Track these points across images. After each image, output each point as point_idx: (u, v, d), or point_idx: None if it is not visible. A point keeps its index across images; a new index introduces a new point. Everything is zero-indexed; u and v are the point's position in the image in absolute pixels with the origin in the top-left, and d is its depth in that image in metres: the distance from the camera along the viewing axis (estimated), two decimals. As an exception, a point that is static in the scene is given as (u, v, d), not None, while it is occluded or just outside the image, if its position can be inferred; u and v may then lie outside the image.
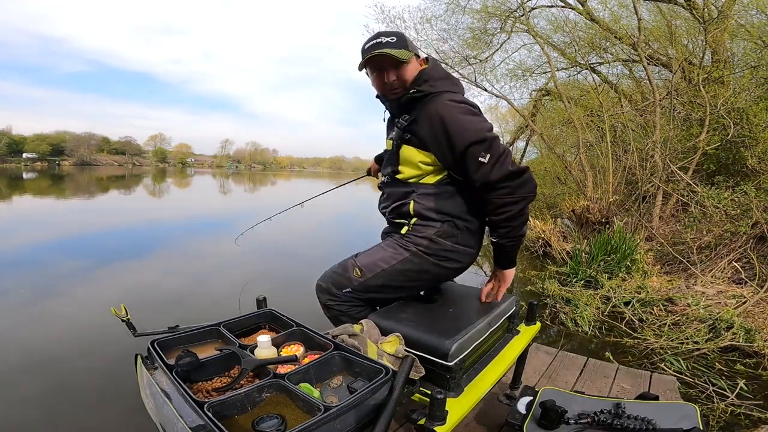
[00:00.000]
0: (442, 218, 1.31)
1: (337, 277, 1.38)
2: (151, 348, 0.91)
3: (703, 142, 5.44)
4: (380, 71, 1.32)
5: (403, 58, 1.26)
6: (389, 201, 1.43)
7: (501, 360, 1.32)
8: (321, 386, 0.88)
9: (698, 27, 6.29)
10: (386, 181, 1.45)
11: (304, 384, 0.82)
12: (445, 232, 1.31)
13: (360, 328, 1.13)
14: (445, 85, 1.32)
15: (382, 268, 1.33)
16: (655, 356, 2.64)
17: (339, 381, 0.90)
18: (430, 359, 1.08)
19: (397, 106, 1.36)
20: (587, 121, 7.23)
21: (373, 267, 1.34)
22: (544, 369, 2.13)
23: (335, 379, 0.91)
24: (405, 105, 1.33)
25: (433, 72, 1.32)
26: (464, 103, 1.27)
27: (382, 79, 1.32)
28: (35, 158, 72.34)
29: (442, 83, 1.31)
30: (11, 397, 2.10)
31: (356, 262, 1.37)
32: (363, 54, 1.33)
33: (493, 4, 8.69)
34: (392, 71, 1.30)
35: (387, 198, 1.45)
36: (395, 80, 1.31)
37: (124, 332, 0.99)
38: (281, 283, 4.47)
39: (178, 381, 0.78)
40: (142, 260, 5.27)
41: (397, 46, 1.27)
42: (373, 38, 1.31)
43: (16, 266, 4.65)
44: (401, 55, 1.26)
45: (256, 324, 1.17)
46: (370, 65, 1.33)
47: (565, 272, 4.50)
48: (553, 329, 3.20)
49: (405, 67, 1.29)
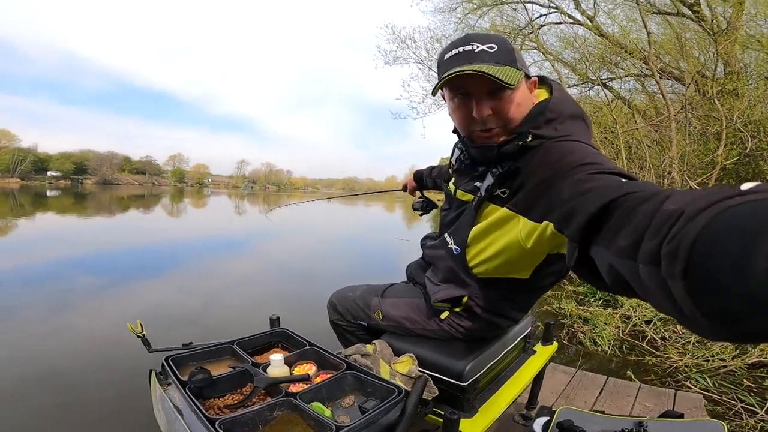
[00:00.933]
0: (489, 317, 1.07)
1: (356, 309, 1.29)
2: (165, 364, 0.93)
3: (721, 156, 5.34)
4: (467, 98, 0.86)
5: (509, 82, 0.78)
6: (435, 276, 1.12)
7: (516, 380, 1.29)
8: (333, 405, 0.87)
9: (708, 39, 6.26)
10: (437, 244, 1.12)
11: (315, 403, 0.82)
12: (486, 328, 1.11)
13: (373, 348, 1.12)
14: (575, 129, 0.86)
15: (406, 327, 1.18)
16: (680, 374, 2.55)
17: (351, 401, 0.90)
18: (444, 379, 1.06)
19: (496, 155, 0.88)
20: (601, 139, 7.17)
21: (397, 320, 1.19)
22: (561, 389, 2.06)
23: (347, 399, 0.90)
24: (508, 155, 0.87)
25: (561, 106, 0.86)
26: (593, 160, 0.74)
27: (468, 111, 0.86)
28: (59, 176, 75.22)
29: (572, 126, 0.86)
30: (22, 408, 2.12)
31: (381, 306, 1.22)
32: (440, 68, 0.88)
33: (502, 22, 8.85)
34: (488, 101, 0.84)
35: (434, 265, 1.15)
36: (491, 115, 0.85)
37: (139, 348, 1.00)
38: (294, 302, 4.48)
39: (191, 397, 0.79)
40: (159, 278, 5.36)
41: (500, 60, 0.82)
42: (459, 43, 0.85)
43: (37, 281, 4.76)
44: (506, 76, 0.78)
45: (269, 342, 1.17)
46: (450, 87, 0.87)
47: (582, 292, 4.42)
48: (571, 349, 3.11)
49: (511, 95, 0.83)
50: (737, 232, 0.28)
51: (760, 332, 0.28)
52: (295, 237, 7.64)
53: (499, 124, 0.86)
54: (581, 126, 0.89)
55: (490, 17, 9.02)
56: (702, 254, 0.30)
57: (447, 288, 1.07)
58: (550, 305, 4.11)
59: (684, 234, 0.32)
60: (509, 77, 0.79)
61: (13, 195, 26.63)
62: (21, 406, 2.14)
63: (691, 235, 0.31)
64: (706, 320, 0.30)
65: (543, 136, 0.84)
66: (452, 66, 0.82)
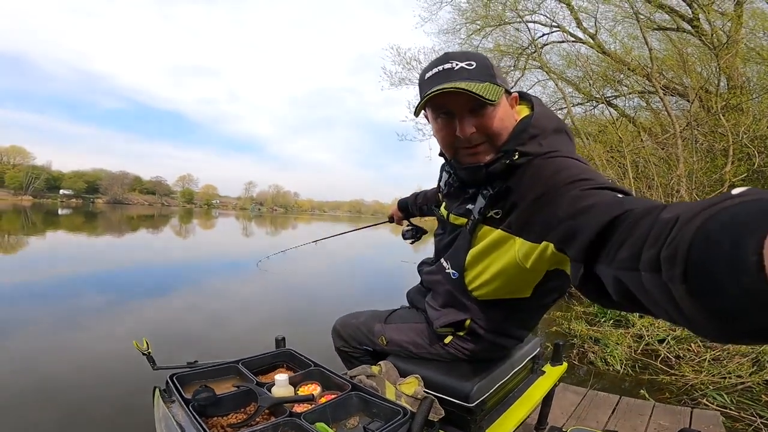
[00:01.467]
0: (493, 338, 1.05)
1: (360, 335, 1.28)
2: (169, 381, 0.92)
3: (729, 173, 5.30)
4: (450, 118, 0.85)
5: (490, 98, 0.78)
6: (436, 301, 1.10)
7: (525, 401, 1.26)
8: (337, 426, 0.86)
9: (709, 53, 6.30)
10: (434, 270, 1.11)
11: (319, 424, 0.81)
12: (491, 349, 1.09)
13: (378, 369, 1.11)
14: (559, 143, 0.86)
15: (410, 351, 1.17)
16: (696, 392, 2.50)
17: (355, 422, 0.88)
18: (451, 401, 1.04)
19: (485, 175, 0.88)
20: (608, 158, 7.14)
21: (401, 344, 1.18)
22: (572, 409, 2.02)
23: (352, 420, 0.89)
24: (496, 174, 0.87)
25: (544, 122, 0.87)
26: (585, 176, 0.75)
27: (452, 130, 0.86)
28: (71, 195, 76.40)
29: (556, 141, 0.86)
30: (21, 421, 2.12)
31: (384, 331, 1.21)
32: (422, 88, 0.87)
33: (505, 42, 9.00)
34: (470, 118, 0.83)
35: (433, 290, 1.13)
36: (475, 133, 0.84)
37: (143, 365, 1.00)
38: (299, 323, 4.46)
39: (194, 415, 0.78)
40: (165, 296, 5.38)
41: (479, 77, 0.81)
42: (439, 62, 0.85)
43: (45, 297, 4.81)
44: (487, 92, 0.78)
45: (274, 363, 1.16)
46: (432, 106, 0.87)
47: (592, 312, 4.36)
48: (582, 369, 3.04)
49: (493, 111, 0.83)
50: (729, 228, 0.30)
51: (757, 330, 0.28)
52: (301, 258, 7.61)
53: (484, 140, 0.86)
54: (565, 139, 0.90)
55: (493, 37, 9.21)
56: (699, 254, 0.31)
57: (448, 313, 1.05)
58: (560, 326, 4.04)
59: (681, 237, 0.33)
60: (490, 93, 0.78)
61: (24, 213, 27.11)
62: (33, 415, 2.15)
63: (687, 237, 0.33)
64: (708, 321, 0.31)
65: (529, 152, 0.83)
66: (433, 85, 0.82)
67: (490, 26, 8.91)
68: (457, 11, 9.46)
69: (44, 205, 48.86)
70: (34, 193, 71.75)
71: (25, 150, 74.03)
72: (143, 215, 34.83)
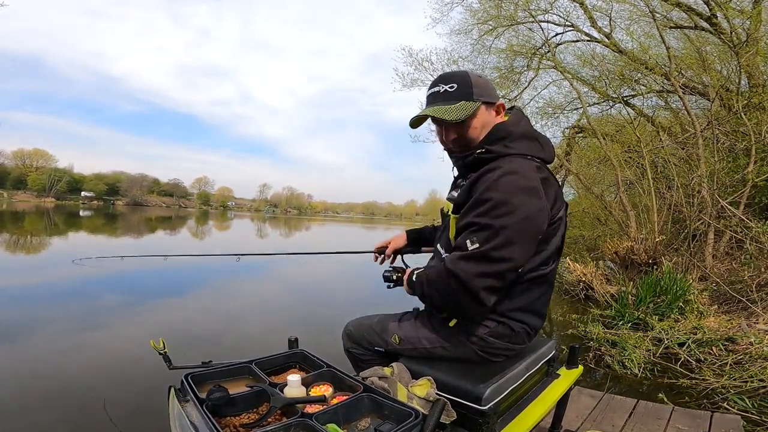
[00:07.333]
0: (496, 318, 1.11)
1: (372, 335, 1.29)
2: (184, 381, 0.94)
3: (752, 173, 5.14)
4: (440, 127, 1.13)
5: (453, 118, 1.04)
6: None
7: (539, 404, 1.24)
8: (348, 427, 0.86)
9: (729, 52, 6.12)
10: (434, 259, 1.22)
11: (331, 425, 0.81)
12: (499, 333, 1.12)
13: (391, 371, 1.11)
14: (524, 147, 1.07)
15: (424, 346, 1.19)
16: (716, 396, 2.44)
17: (367, 423, 0.88)
18: (463, 403, 1.04)
19: (462, 165, 1.15)
20: (625, 158, 6.95)
21: (415, 341, 1.21)
22: (587, 413, 1.98)
23: (363, 421, 0.89)
24: (472, 165, 1.10)
25: (512, 127, 1.08)
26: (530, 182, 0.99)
27: (442, 136, 1.14)
28: (92, 197, 78.22)
29: (520, 144, 1.07)
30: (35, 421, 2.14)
31: (398, 329, 1.24)
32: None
33: (518, 42, 8.90)
34: (451, 128, 1.09)
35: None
36: (455, 139, 1.11)
37: (159, 364, 1.03)
38: (312, 324, 4.49)
39: (208, 414, 0.80)
40: (181, 297, 5.46)
41: (457, 97, 1.06)
42: (433, 84, 1.11)
43: (65, 297, 4.93)
44: (453, 113, 1.04)
45: (287, 363, 1.17)
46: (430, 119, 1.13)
47: (609, 315, 4.27)
48: (598, 372, 2.98)
49: (470, 121, 1.07)
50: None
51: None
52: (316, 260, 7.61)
53: (462, 144, 1.11)
54: (535, 145, 1.09)
55: (505, 37, 9.12)
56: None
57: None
58: (576, 329, 3.97)
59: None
60: (455, 114, 1.04)
61: (48, 214, 27.91)
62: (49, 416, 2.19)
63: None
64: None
65: (493, 151, 1.05)
66: (426, 104, 1.13)
67: (502, 26, 8.83)
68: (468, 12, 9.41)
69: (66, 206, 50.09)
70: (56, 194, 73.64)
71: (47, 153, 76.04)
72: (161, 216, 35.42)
